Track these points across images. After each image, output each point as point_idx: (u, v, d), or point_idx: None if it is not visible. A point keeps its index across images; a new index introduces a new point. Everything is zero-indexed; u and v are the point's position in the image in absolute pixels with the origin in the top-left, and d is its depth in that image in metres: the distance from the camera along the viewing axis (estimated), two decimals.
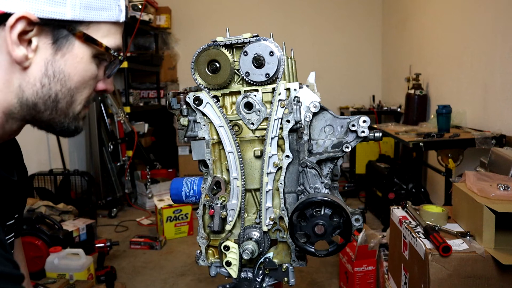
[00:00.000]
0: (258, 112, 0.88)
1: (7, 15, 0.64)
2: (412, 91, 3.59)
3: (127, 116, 4.17)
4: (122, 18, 0.73)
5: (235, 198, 0.90)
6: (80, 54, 0.69)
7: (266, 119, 0.88)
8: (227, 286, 0.94)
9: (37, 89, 0.68)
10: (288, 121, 0.86)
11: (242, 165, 0.88)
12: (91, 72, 0.72)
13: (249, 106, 0.88)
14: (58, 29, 0.67)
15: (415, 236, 1.41)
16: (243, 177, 0.89)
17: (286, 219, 0.89)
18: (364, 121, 0.87)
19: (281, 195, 0.89)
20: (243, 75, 0.87)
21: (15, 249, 0.96)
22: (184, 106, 0.90)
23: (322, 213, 0.81)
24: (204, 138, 0.90)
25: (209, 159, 0.90)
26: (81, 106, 0.74)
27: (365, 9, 5.32)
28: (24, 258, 1.02)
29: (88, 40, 0.69)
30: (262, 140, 0.89)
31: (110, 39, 0.72)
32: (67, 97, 0.70)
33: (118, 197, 4.08)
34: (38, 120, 0.72)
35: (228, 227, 0.91)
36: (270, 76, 0.86)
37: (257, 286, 0.92)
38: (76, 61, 0.69)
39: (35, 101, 0.69)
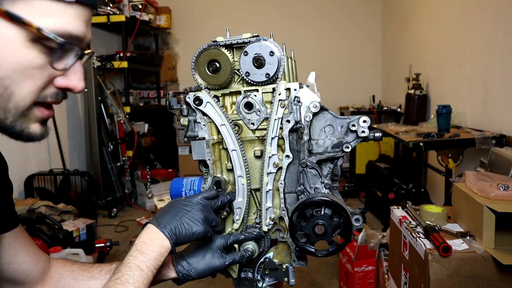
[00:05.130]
0: (258, 112, 0.88)
1: None
2: (412, 91, 3.59)
3: (127, 116, 4.17)
4: None
5: (241, 196, 0.90)
6: (7, 35, 0.56)
7: (266, 119, 0.88)
8: None
9: None
10: (288, 121, 0.86)
11: (246, 163, 0.88)
12: (27, 60, 0.58)
13: (249, 106, 0.88)
14: None
15: (415, 236, 1.41)
16: (248, 175, 0.89)
17: (286, 219, 0.88)
18: (364, 121, 0.87)
19: (281, 195, 0.88)
20: (243, 75, 0.87)
21: (12, 241, 0.84)
22: (184, 106, 0.90)
23: (322, 213, 0.81)
24: (204, 138, 0.90)
25: (209, 159, 0.90)
26: (26, 102, 0.60)
27: (365, 9, 5.33)
28: (30, 242, 0.89)
29: (14, 19, 0.55)
30: (262, 140, 0.89)
31: (52, 20, 0.57)
32: None
33: (118, 197, 4.08)
34: None
35: (235, 225, 0.91)
36: (270, 76, 0.85)
37: None
38: (1, 43, 0.56)
39: None
